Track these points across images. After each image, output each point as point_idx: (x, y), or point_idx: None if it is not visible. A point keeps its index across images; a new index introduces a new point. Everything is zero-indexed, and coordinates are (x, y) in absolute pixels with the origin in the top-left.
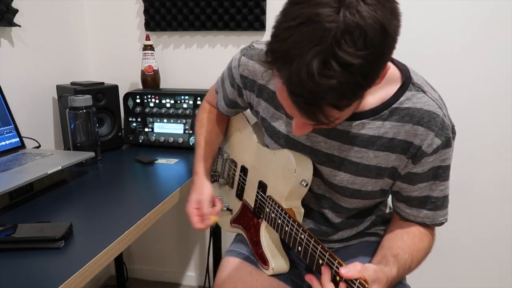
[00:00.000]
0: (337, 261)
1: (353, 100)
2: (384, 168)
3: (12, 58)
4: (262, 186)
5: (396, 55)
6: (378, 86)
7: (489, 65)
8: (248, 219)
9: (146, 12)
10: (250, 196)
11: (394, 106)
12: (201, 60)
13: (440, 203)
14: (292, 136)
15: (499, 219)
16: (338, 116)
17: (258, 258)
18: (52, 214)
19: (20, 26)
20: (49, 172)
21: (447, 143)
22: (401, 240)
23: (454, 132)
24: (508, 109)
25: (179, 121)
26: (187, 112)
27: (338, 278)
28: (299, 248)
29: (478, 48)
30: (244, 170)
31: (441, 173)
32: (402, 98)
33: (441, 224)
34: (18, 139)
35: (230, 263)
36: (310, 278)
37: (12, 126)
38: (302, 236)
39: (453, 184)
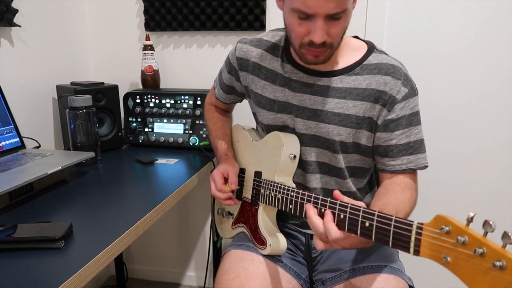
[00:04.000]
0: (320, 198)
1: None
2: (362, 118)
3: (12, 58)
4: (257, 175)
5: (395, 54)
6: (348, 52)
7: (489, 65)
8: (247, 212)
9: (146, 12)
10: (248, 190)
11: (364, 63)
12: (201, 60)
13: (418, 146)
14: (280, 99)
15: (498, 220)
16: None
17: (257, 242)
18: (52, 214)
19: (20, 26)
20: (49, 172)
21: (413, 92)
22: (384, 198)
23: (416, 88)
24: (507, 108)
25: (179, 121)
26: (187, 112)
27: (323, 210)
28: (290, 206)
29: (477, 48)
30: (242, 171)
31: (413, 119)
32: (369, 58)
33: (424, 167)
34: (18, 139)
35: (232, 255)
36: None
37: (12, 126)
38: (292, 194)
39: (452, 181)
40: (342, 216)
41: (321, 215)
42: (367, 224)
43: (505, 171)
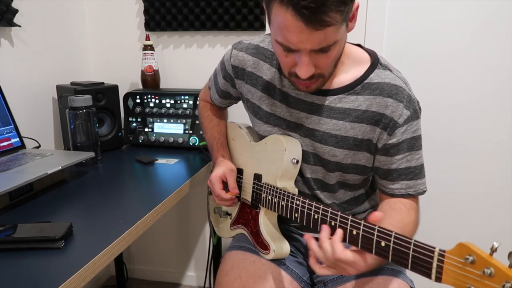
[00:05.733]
0: (329, 211)
1: (346, 5)
2: (360, 140)
3: (12, 58)
4: (257, 177)
5: (395, 54)
6: (350, 65)
7: (489, 65)
8: (247, 214)
9: (146, 12)
10: (247, 192)
11: (365, 81)
12: (201, 60)
13: (418, 172)
14: (278, 114)
15: (498, 221)
16: (337, 23)
17: (259, 246)
18: (52, 214)
19: (20, 26)
20: (49, 172)
21: (415, 115)
22: (390, 218)
23: (420, 108)
24: (507, 108)
25: (179, 121)
26: (187, 112)
27: (333, 223)
28: (296, 215)
29: (477, 48)
30: (239, 171)
31: (414, 143)
32: (372, 75)
33: (423, 192)
34: (18, 139)
35: (233, 256)
36: (307, 237)
37: (12, 126)
38: (298, 202)
39: (452, 181)
40: (354, 232)
41: (330, 228)
42: (383, 244)
43: (505, 171)
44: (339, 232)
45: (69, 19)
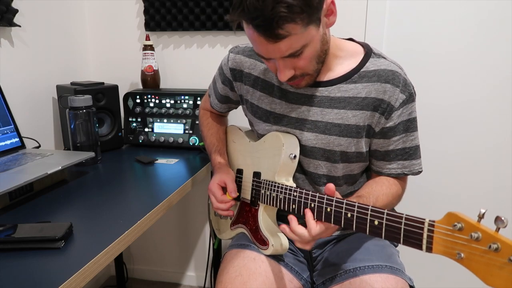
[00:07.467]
0: (325, 198)
1: (304, 12)
2: (362, 127)
3: (12, 58)
4: (256, 175)
5: (395, 54)
6: (344, 58)
7: (489, 65)
8: (246, 212)
9: (146, 12)
10: (247, 190)
11: (362, 70)
12: (201, 60)
13: (413, 152)
14: (277, 111)
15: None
16: (298, 32)
17: (258, 242)
18: (52, 214)
19: (20, 26)
20: (49, 172)
21: (411, 98)
22: (369, 187)
23: (415, 91)
24: (508, 109)
25: (179, 121)
26: (187, 112)
27: (329, 209)
28: (293, 206)
29: (477, 48)
30: (239, 171)
31: (409, 125)
32: (367, 64)
33: (418, 172)
34: (18, 139)
35: (233, 254)
36: (283, 228)
37: (12, 126)
38: (295, 194)
39: (452, 182)
40: (349, 215)
41: (326, 214)
42: (376, 222)
43: (505, 171)
44: (307, 211)
45: (69, 19)
